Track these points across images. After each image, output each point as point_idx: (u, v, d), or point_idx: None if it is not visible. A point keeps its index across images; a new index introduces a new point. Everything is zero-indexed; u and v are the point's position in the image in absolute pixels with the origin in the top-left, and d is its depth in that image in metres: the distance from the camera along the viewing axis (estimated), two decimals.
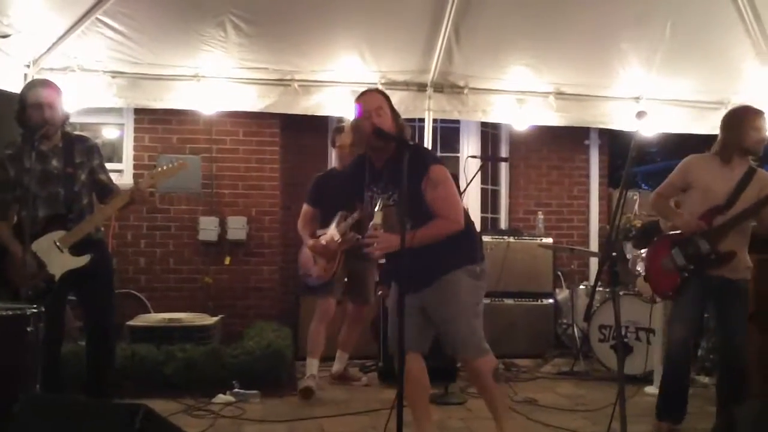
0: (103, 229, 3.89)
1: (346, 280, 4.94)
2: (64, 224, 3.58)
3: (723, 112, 5.96)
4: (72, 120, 6.25)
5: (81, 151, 3.71)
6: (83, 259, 3.58)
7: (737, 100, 5.99)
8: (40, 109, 3.54)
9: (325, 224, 4.88)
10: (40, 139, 3.51)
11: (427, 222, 3.13)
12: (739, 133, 3.78)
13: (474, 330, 3.26)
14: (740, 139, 3.78)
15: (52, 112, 3.57)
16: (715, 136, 4.01)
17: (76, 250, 3.58)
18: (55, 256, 3.54)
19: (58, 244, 3.55)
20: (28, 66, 5.05)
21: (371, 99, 3.30)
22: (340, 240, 4.69)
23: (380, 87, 5.66)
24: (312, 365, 4.78)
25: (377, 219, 3.15)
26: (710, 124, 6.03)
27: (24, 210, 3.50)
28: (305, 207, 5.01)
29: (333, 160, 5.79)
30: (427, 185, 3.12)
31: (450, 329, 3.26)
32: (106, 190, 3.79)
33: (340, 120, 5.05)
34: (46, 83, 3.72)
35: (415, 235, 3.04)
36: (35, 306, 3.11)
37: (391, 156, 3.21)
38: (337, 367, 5.16)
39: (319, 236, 4.83)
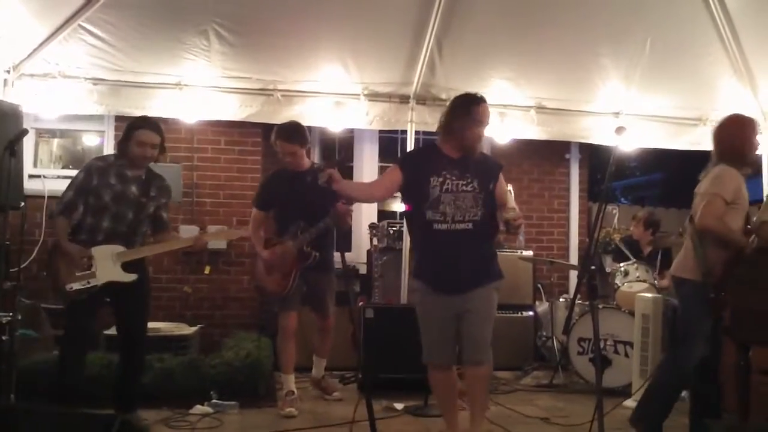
0: None
1: (305, 289, 4.74)
2: (125, 241, 3.91)
3: (701, 128, 6.11)
4: (52, 126, 6.26)
5: (157, 188, 4.08)
6: (130, 277, 3.89)
7: (715, 117, 6.07)
8: (143, 147, 3.92)
9: (282, 229, 4.73)
10: (127, 166, 3.97)
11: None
12: (753, 144, 3.69)
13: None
14: (752, 149, 3.69)
15: (152, 152, 3.97)
16: (694, 152, 3.97)
17: (127, 267, 3.89)
18: (108, 265, 3.84)
19: (114, 256, 3.86)
20: (8, 71, 5.02)
21: (487, 113, 3.61)
22: (296, 255, 4.58)
23: (363, 98, 5.71)
24: (288, 381, 4.71)
25: (511, 202, 3.53)
26: (688, 140, 6.13)
27: (91, 217, 3.89)
28: (254, 211, 4.85)
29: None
30: (500, 179, 3.67)
31: (484, 332, 3.61)
32: (162, 226, 4.15)
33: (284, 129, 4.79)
34: (154, 127, 4.03)
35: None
36: (10, 314, 3.08)
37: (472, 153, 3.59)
38: (314, 372, 5.12)
39: (275, 245, 4.69)
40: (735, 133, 3.71)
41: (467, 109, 3.54)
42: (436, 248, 3.56)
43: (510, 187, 3.71)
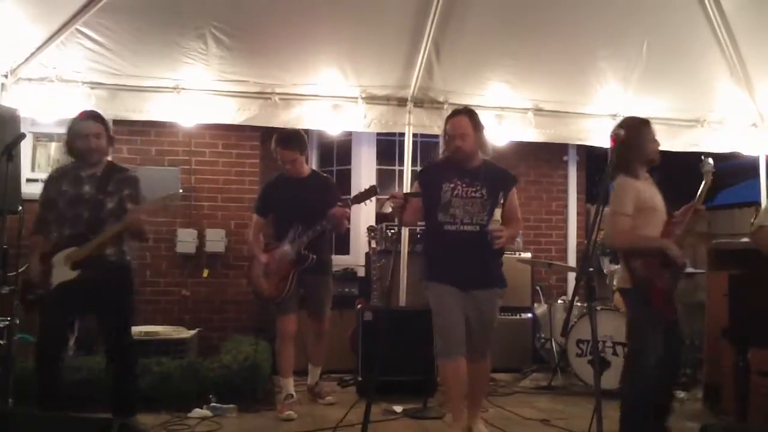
0: (129, 257, 4.01)
1: (302, 292, 4.78)
2: (82, 243, 3.77)
3: (698, 129, 6.12)
4: (50, 131, 6.25)
5: (116, 181, 3.90)
6: (72, 274, 3.74)
7: (712, 119, 6.11)
8: (86, 139, 3.82)
9: (279, 233, 4.75)
10: (83, 166, 3.85)
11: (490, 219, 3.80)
12: (643, 147, 3.68)
13: None
14: (645, 152, 3.69)
15: (97, 142, 3.85)
16: (692, 153, 3.96)
17: (82, 267, 3.74)
18: (61, 268, 3.77)
19: (64, 258, 3.77)
20: (6, 76, 5.01)
21: (459, 125, 3.86)
22: (293, 258, 4.61)
23: (360, 101, 5.71)
24: (287, 385, 4.72)
25: (496, 215, 3.72)
26: (685, 142, 6.13)
27: (56, 228, 3.81)
28: (255, 217, 4.89)
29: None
30: (512, 193, 3.96)
31: (488, 337, 3.95)
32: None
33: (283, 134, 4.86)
34: (92, 116, 3.94)
35: (510, 232, 3.86)
36: (8, 318, 3.08)
37: (479, 163, 3.94)
38: (310, 380, 5.12)
39: (272, 249, 4.71)
40: (624, 140, 3.52)
41: (445, 124, 3.97)
42: (445, 247, 3.84)
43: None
